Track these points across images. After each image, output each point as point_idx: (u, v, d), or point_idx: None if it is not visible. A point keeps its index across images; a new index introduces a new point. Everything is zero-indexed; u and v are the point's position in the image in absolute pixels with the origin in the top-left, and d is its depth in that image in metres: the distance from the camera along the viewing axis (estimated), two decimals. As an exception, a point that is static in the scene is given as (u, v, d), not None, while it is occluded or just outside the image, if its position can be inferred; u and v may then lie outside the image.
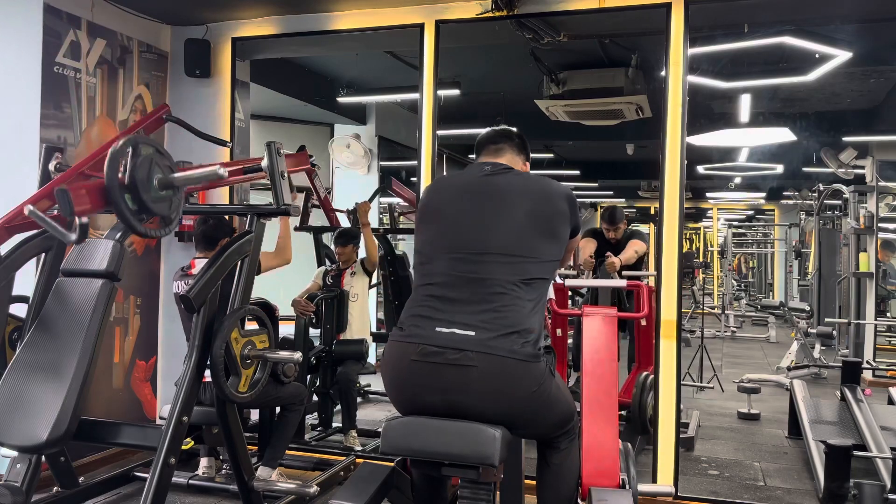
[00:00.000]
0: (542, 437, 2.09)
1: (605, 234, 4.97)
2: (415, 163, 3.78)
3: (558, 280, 3.04)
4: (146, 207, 2.32)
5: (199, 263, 3.31)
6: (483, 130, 2.34)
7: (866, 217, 6.78)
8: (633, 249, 4.73)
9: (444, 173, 2.82)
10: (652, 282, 4.53)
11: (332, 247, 4.63)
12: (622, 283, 3.38)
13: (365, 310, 4.55)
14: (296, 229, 4.88)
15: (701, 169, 9.49)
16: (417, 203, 2.23)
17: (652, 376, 3.70)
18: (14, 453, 2.57)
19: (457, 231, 1.99)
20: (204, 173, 2.48)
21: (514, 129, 2.28)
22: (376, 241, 4.55)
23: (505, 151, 2.22)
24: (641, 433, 4.16)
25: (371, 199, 5.06)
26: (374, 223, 6.25)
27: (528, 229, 1.97)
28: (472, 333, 1.85)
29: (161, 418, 3.94)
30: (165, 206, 2.40)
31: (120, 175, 2.26)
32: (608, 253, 4.65)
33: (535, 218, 1.99)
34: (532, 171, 2.25)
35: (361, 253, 4.59)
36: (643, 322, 4.44)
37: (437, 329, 1.88)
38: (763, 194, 12.85)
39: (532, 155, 2.36)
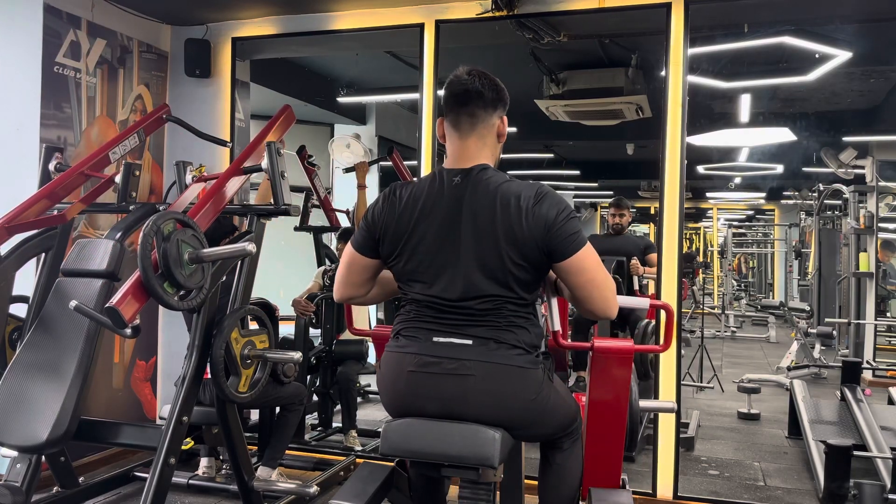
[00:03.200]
0: (543, 439, 2.08)
1: (609, 219, 5.11)
2: (415, 163, 3.78)
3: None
4: (182, 286, 2.37)
5: None
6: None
7: (866, 217, 6.78)
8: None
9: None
10: (652, 284, 4.52)
11: (335, 244, 4.61)
12: (644, 303, 2.67)
13: (364, 308, 4.55)
14: (295, 229, 4.88)
15: (701, 169, 9.49)
16: (371, 208, 1.99)
17: (653, 323, 3.63)
18: (14, 453, 2.57)
19: (436, 256, 1.86)
20: (233, 250, 2.52)
21: (484, 75, 1.93)
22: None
23: (478, 119, 1.91)
24: (643, 378, 4.13)
25: (371, 164, 5.06)
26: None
27: (509, 257, 1.80)
28: (470, 342, 1.84)
29: (161, 418, 3.94)
30: (199, 277, 2.44)
31: (153, 256, 2.30)
32: (634, 257, 4.71)
33: (506, 244, 1.80)
34: (531, 173, 2.14)
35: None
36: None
37: (435, 339, 1.86)
38: (763, 194, 12.85)
39: (532, 155, 2.29)
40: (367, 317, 4.60)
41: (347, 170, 4.75)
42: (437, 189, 1.89)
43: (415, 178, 2.24)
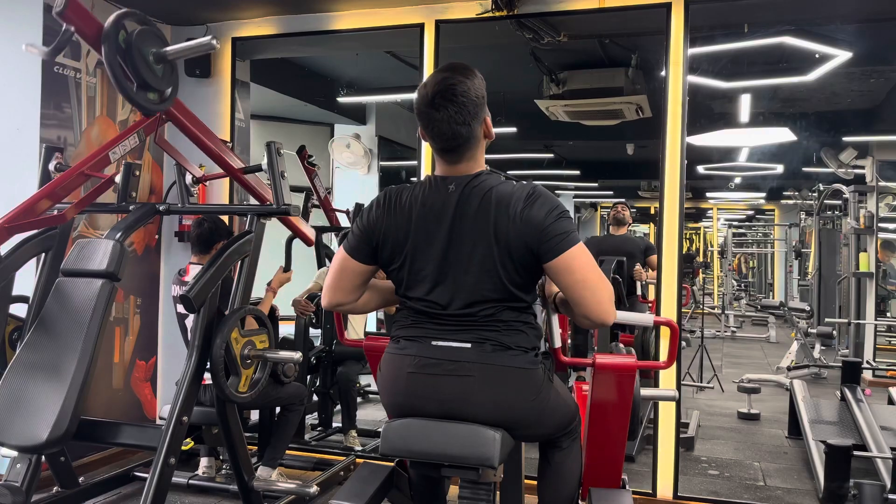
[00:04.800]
0: (542, 439, 2.08)
1: (613, 211, 5.18)
2: (415, 163, 3.79)
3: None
4: (133, 63, 2.30)
5: (193, 269, 3.31)
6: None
7: (866, 217, 6.78)
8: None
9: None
10: (652, 289, 4.51)
11: (336, 245, 4.62)
12: (648, 320, 2.71)
13: (363, 315, 4.54)
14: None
15: (701, 169, 9.49)
16: (366, 212, 1.93)
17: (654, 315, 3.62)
18: (14, 453, 2.57)
19: (435, 263, 1.85)
20: (199, 43, 2.48)
21: (450, 97, 1.76)
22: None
23: (462, 153, 1.84)
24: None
25: None
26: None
27: (503, 262, 1.79)
28: (469, 346, 1.83)
29: (161, 418, 3.94)
30: (154, 78, 2.40)
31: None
32: (637, 264, 4.72)
33: (499, 248, 1.79)
34: (531, 173, 2.09)
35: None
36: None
37: (434, 343, 1.86)
38: (763, 194, 12.85)
39: (532, 155, 2.27)
40: (364, 324, 4.60)
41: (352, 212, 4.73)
42: (434, 196, 1.85)
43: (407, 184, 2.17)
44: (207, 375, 2.71)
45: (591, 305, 1.75)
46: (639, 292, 4.96)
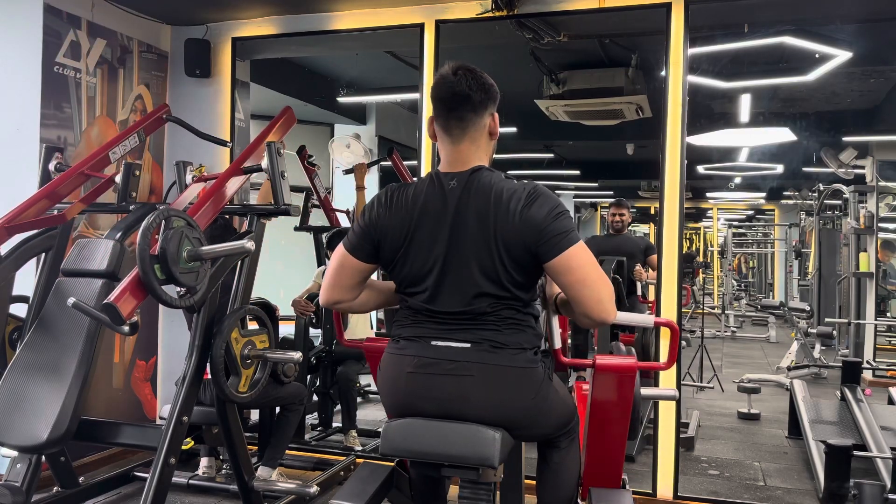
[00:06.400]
0: (542, 439, 2.08)
1: (609, 218, 5.22)
2: (415, 163, 3.79)
3: None
4: (174, 278, 2.36)
5: None
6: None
7: (866, 217, 6.78)
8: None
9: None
10: (652, 289, 4.51)
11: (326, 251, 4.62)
12: (649, 321, 2.69)
13: (365, 314, 4.54)
14: (296, 229, 4.88)
15: (701, 169, 9.49)
16: (367, 210, 1.94)
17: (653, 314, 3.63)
18: (14, 453, 2.57)
19: (436, 263, 1.85)
20: (232, 247, 2.53)
21: (471, 74, 1.86)
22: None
23: (468, 123, 1.86)
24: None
25: (370, 165, 5.05)
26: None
27: (502, 260, 1.79)
28: (468, 346, 1.83)
29: (161, 418, 3.94)
30: (192, 277, 2.44)
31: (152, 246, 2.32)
32: (637, 264, 4.76)
33: (500, 247, 1.79)
34: (531, 173, 2.12)
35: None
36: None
37: (433, 343, 1.86)
38: (763, 194, 12.86)
39: (532, 155, 2.29)
40: (367, 323, 4.59)
41: (347, 171, 4.75)
42: (435, 194, 1.86)
43: (413, 179, 2.21)
44: (209, 369, 2.71)
45: (592, 304, 1.77)
46: (639, 292, 4.98)
